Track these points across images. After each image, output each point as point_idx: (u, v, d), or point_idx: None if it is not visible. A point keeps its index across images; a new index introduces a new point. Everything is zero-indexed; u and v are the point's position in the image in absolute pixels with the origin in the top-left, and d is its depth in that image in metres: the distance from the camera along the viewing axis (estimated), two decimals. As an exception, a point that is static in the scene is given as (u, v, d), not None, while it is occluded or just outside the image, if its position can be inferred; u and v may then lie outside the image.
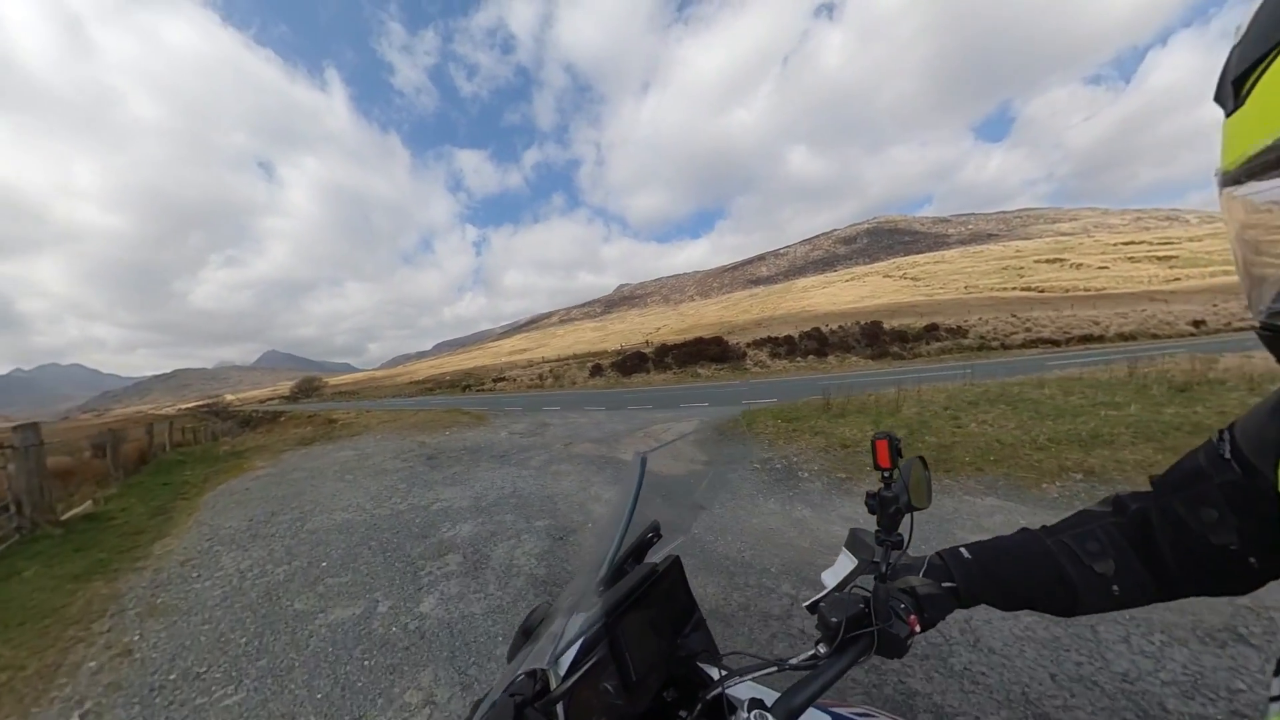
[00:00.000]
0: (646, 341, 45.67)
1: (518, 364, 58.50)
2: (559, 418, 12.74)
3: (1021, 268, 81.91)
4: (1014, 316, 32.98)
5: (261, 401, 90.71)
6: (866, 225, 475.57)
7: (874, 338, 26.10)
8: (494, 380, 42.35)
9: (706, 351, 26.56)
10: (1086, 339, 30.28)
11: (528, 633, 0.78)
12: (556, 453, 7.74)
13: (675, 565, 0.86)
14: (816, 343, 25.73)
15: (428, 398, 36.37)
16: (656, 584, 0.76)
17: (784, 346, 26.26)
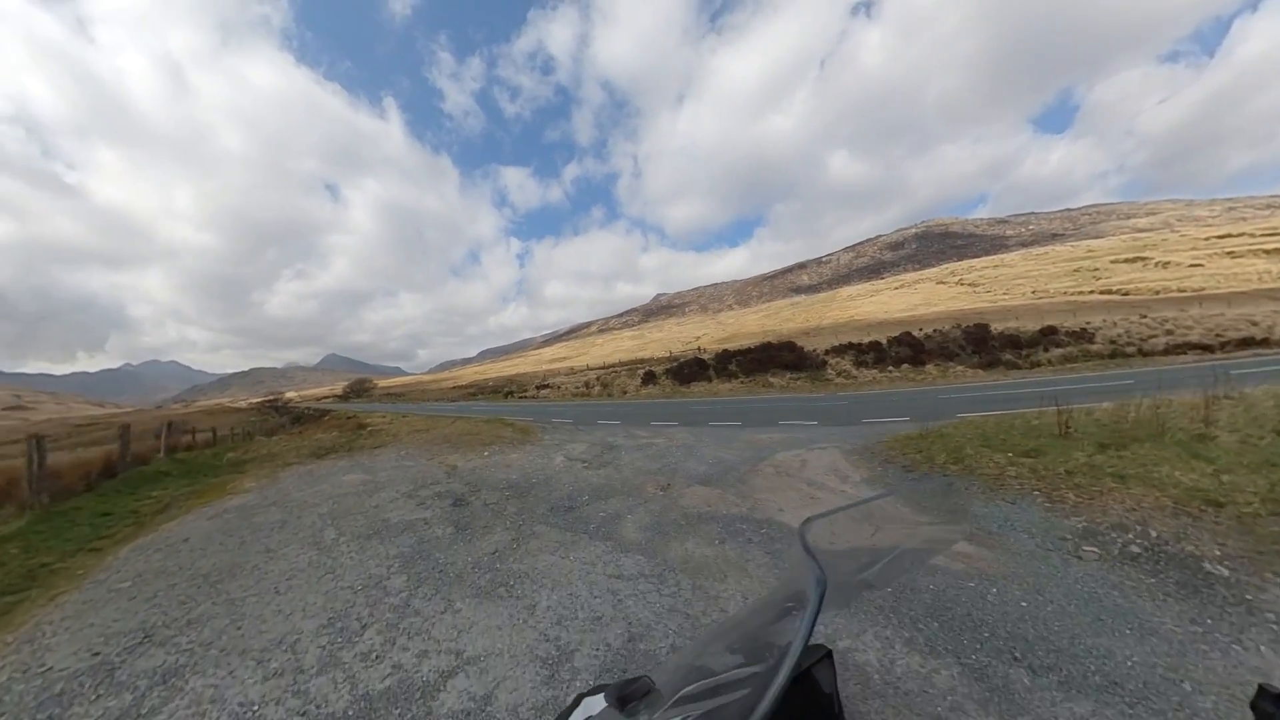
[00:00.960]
0: (700, 348, 42.43)
1: (559, 371, 56.58)
2: (625, 436, 9.86)
3: (1096, 269, 73.45)
4: (1144, 318, 27.76)
5: (317, 399, 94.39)
6: (914, 230, 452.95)
7: (980, 343, 21.87)
8: (537, 387, 39.88)
9: (778, 358, 23.10)
10: (1245, 343, 24.82)
11: (623, 701, 0.59)
12: (657, 506, 4.80)
13: (825, 662, 0.62)
14: (911, 349, 21.79)
15: (469, 403, 34.84)
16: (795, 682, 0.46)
17: (870, 354, 22.46)
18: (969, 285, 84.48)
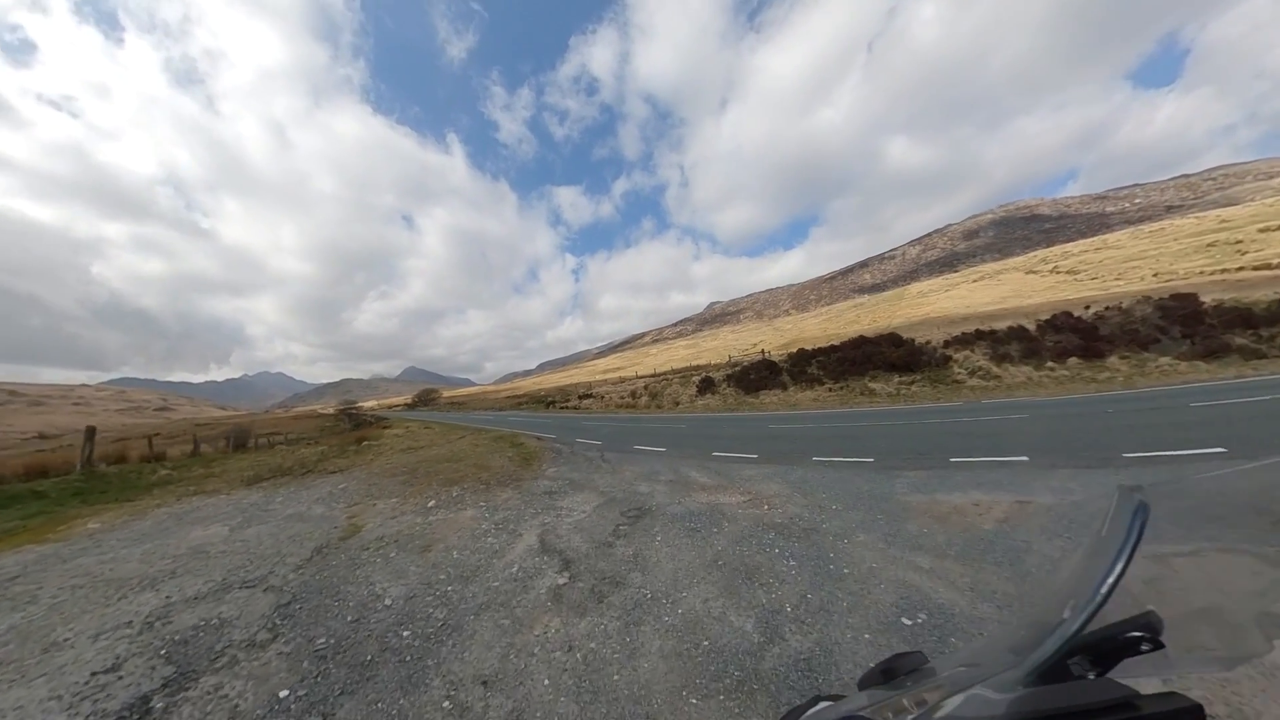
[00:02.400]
0: (763, 351, 37.05)
1: (608, 380, 52.95)
2: (670, 484, 5.66)
3: (1239, 241, 58.84)
4: None
5: (389, 407, 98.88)
6: (991, 215, 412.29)
7: (1190, 321, 15.20)
8: (580, 396, 37.29)
9: (878, 356, 17.63)
10: None
11: (888, 674, 0.53)
12: None
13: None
14: (1079, 336, 15.56)
15: (506, 413, 34.98)
16: None
17: (1013, 343, 16.45)
18: (1067, 273, 71.58)
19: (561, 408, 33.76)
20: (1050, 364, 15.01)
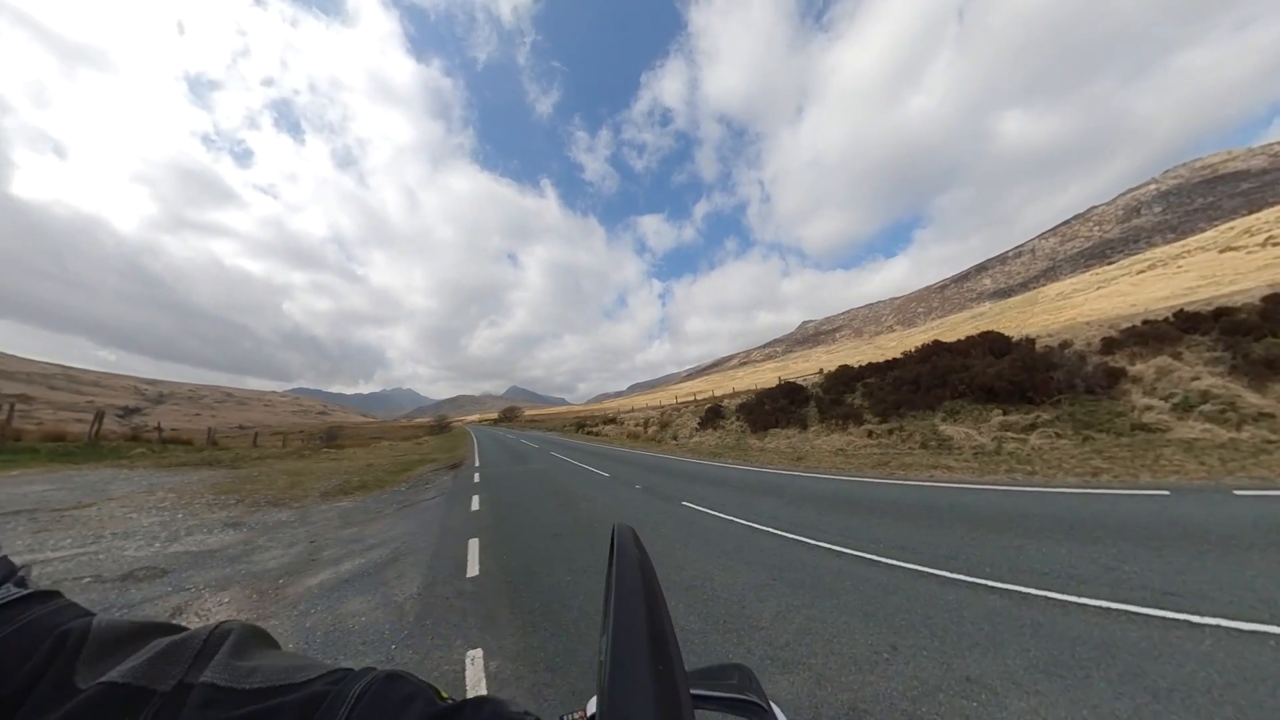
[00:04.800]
0: (778, 379, 28.76)
1: (671, 404, 46.60)
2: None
3: None
4: None
5: (477, 421, 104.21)
6: (1155, 186, 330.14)
7: None
8: (603, 422, 37.07)
9: (963, 372, 9.65)
10: None
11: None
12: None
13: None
14: None
15: (538, 434, 39.16)
16: None
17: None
18: (1287, 245, 49.76)
19: (587, 433, 33.69)
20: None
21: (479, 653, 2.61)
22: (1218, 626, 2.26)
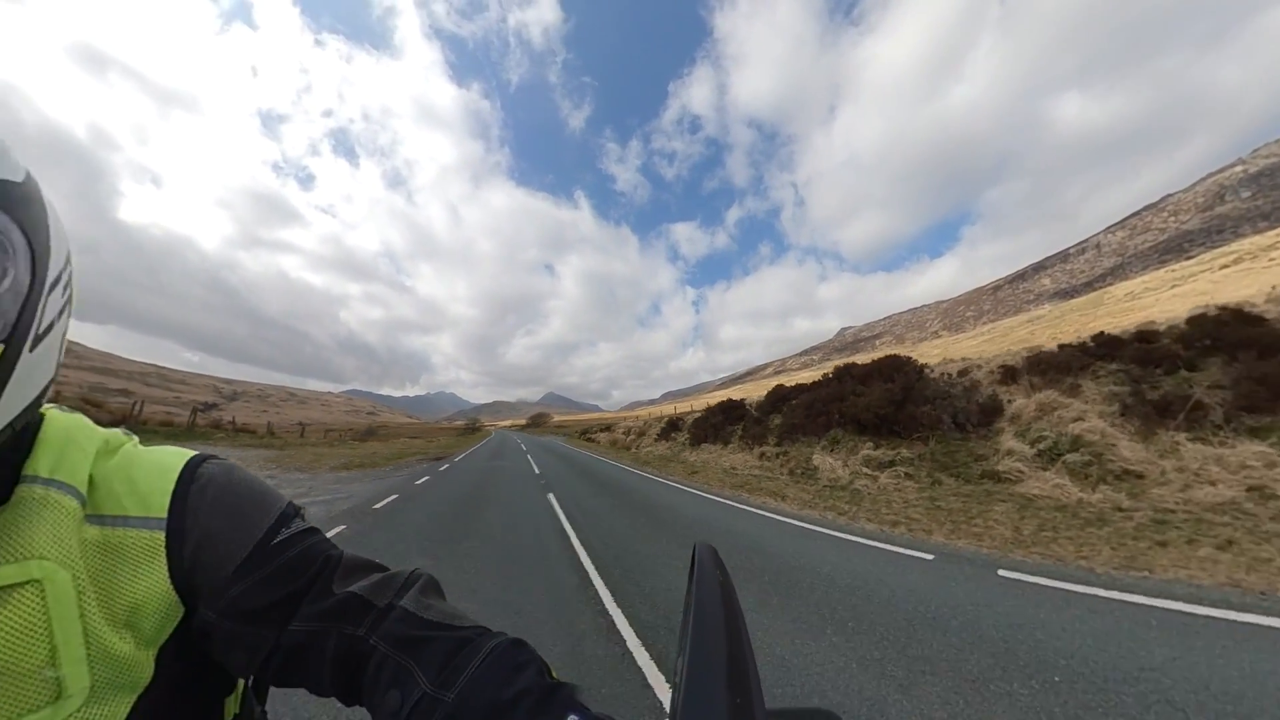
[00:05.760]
0: (782, 385, 27.80)
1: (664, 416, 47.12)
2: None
3: None
4: None
5: (510, 426, 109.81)
6: (1243, 168, 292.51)
7: None
8: (599, 430, 39.20)
9: (852, 398, 8.89)
10: None
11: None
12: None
13: None
14: None
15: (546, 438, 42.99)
16: None
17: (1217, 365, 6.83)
18: None
19: (586, 439, 36.06)
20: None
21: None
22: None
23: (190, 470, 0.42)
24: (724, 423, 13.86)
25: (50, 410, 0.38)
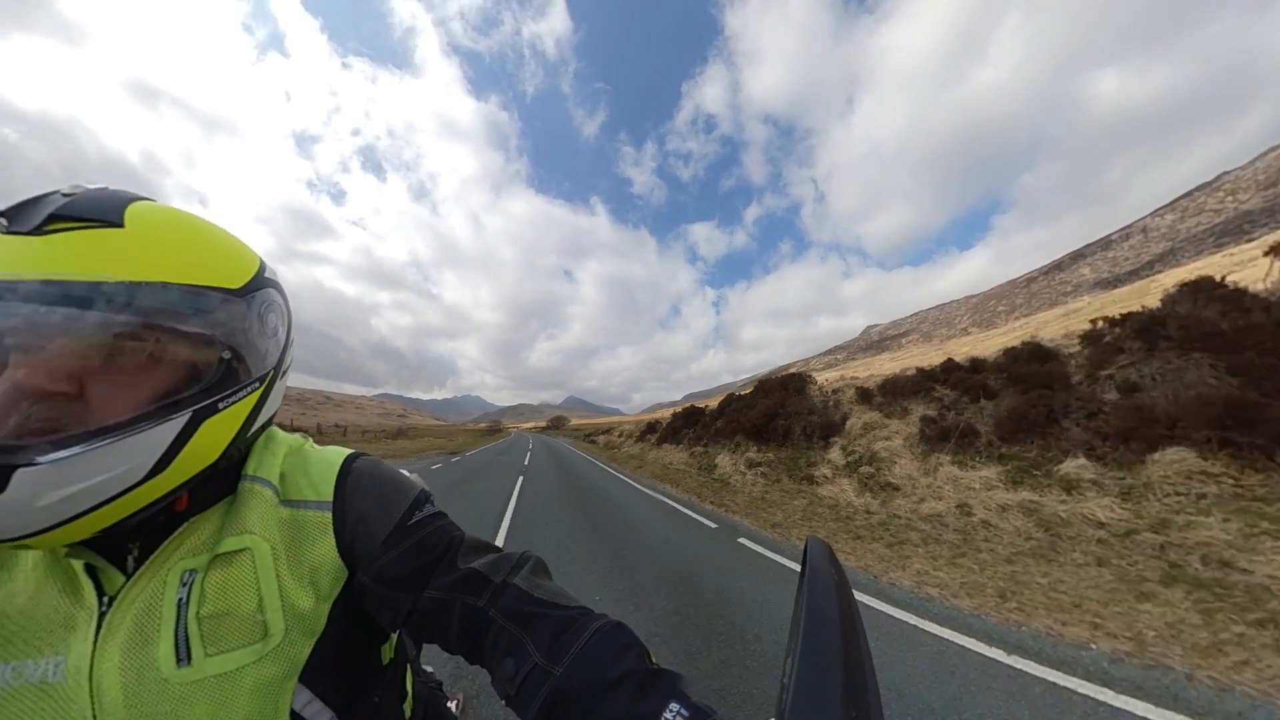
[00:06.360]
0: (732, 394, 29.81)
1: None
2: None
3: None
4: None
5: (530, 429, 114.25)
6: None
7: None
8: (600, 433, 41.64)
9: (740, 416, 11.07)
10: None
11: None
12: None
13: None
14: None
15: (564, 438, 47.13)
16: None
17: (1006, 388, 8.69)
18: None
19: (588, 439, 39.40)
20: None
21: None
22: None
23: (347, 464, 0.55)
24: (682, 427, 16.17)
25: None
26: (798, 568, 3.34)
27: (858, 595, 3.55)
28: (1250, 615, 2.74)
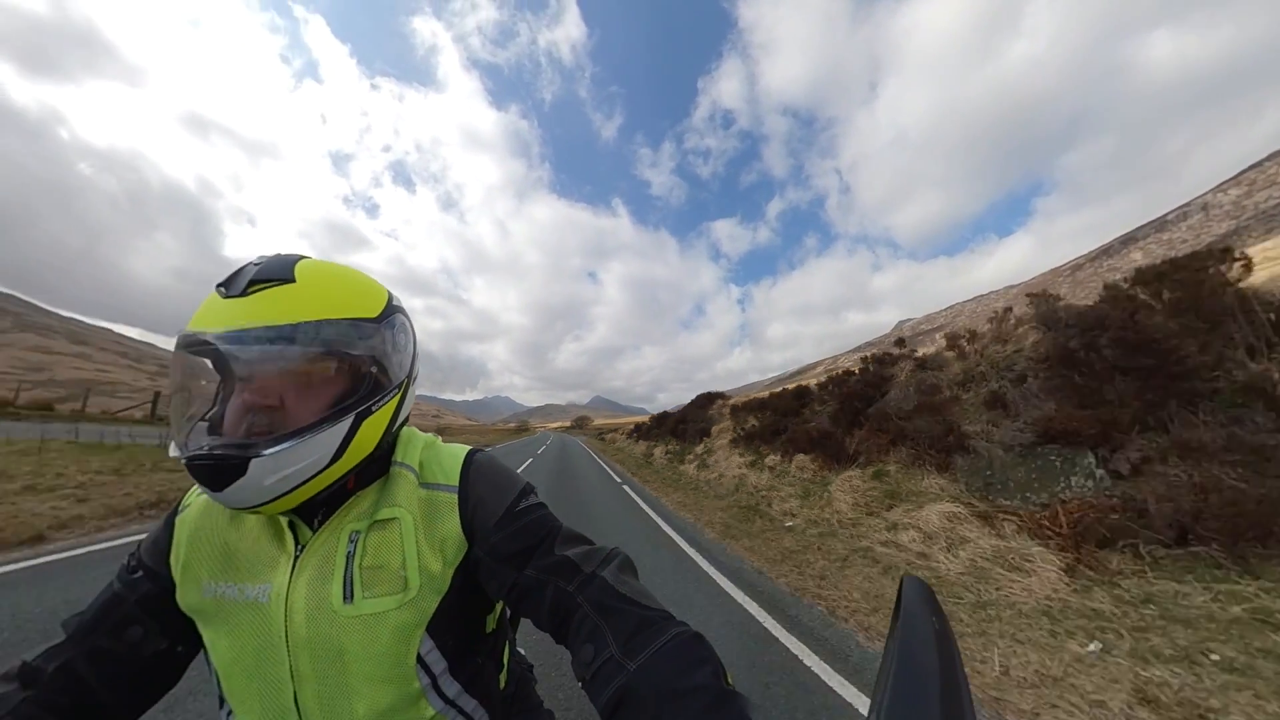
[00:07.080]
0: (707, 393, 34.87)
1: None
2: None
3: None
4: None
5: (556, 429, 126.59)
6: None
7: None
8: (609, 430, 44.90)
9: (685, 417, 16.44)
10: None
11: None
12: None
13: None
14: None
15: (581, 436, 48.11)
16: None
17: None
18: None
19: (600, 438, 41.78)
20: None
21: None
22: None
23: (470, 456, 0.65)
24: (652, 428, 21.50)
25: None
26: (620, 480, 11.84)
27: (674, 515, 5.82)
28: (722, 500, 7.92)
